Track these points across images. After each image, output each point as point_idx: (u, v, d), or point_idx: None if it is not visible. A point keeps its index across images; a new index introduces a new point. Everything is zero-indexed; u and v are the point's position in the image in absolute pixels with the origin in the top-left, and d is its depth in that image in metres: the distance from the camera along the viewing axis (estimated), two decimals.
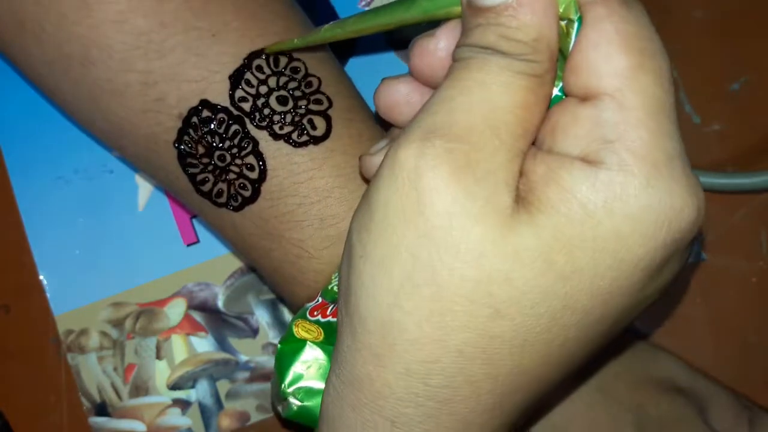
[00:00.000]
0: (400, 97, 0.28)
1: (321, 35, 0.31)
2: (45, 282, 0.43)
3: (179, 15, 0.33)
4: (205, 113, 0.33)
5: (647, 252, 0.23)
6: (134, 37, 0.33)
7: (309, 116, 0.34)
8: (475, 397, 0.24)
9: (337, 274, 0.33)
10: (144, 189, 0.44)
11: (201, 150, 0.34)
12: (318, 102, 0.34)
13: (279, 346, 0.32)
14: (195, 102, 0.33)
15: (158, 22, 0.33)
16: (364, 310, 0.24)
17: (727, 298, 0.42)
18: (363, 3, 0.44)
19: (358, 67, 0.37)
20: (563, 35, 0.24)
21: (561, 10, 0.24)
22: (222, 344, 0.43)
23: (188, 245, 0.43)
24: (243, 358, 0.43)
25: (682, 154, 0.23)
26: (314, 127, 0.34)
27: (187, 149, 0.34)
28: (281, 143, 0.33)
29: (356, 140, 0.34)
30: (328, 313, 0.33)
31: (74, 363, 0.43)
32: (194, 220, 0.43)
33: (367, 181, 0.33)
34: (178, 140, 0.34)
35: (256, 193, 0.34)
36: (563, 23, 0.24)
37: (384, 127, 0.35)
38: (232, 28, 0.33)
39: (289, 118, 0.33)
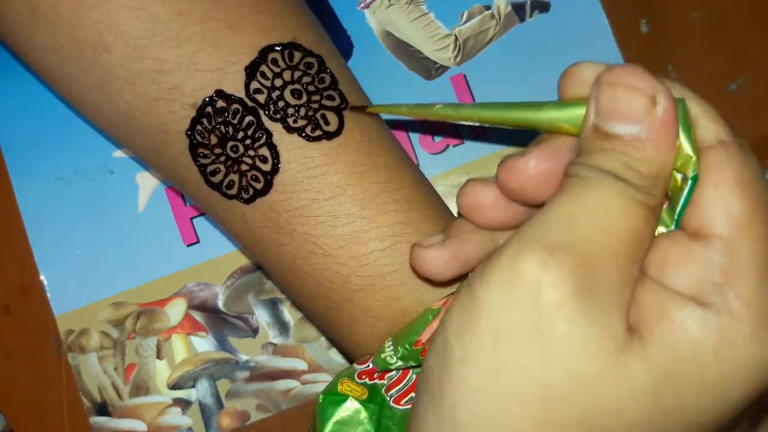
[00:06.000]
0: (486, 201, 0.28)
1: (432, 111, 0.30)
2: (45, 282, 0.42)
3: (197, 5, 0.32)
4: (220, 103, 0.33)
5: (744, 396, 0.23)
6: (151, 25, 0.32)
7: (322, 111, 0.33)
8: None
9: (390, 341, 0.32)
10: (144, 189, 0.43)
11: (213, 140, 0.33)
12: (330, 98, 0.34)
13: (320, 397, 0.32)
14: (210, 92, 0.33)
15: (176, 10, 0.32)
16: (462, 417, 0.23)
17: None
18: (362, 5, 0.44)
19: (358, 68, 0.37)
20: (677, 188, 0.24)
21: (679, 164, 0.24)
22: (222, 344, 0.43)
23: (188, 245, 0.43)
24: (243, 357, 0.43)
25: None
26: (327, 123, 0.33)
27: (199, 139, 0.33)
28: (294, 136, 0.33)
29: (367, 138, 0.34)
30: (375, 377, 0.32)
31: (75, 363, 0.42)
32: (194, 221, 0.43)
33: (432, 277, 0.30)
34: (191, 129, 0.33)
35: (268, 186, 0.33)
36: (679, 176, 0.24)
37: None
38: (249, 21, 0.33)
39: (302, 111, 0.33)
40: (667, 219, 0.25)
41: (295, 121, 0.33)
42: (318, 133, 0.33)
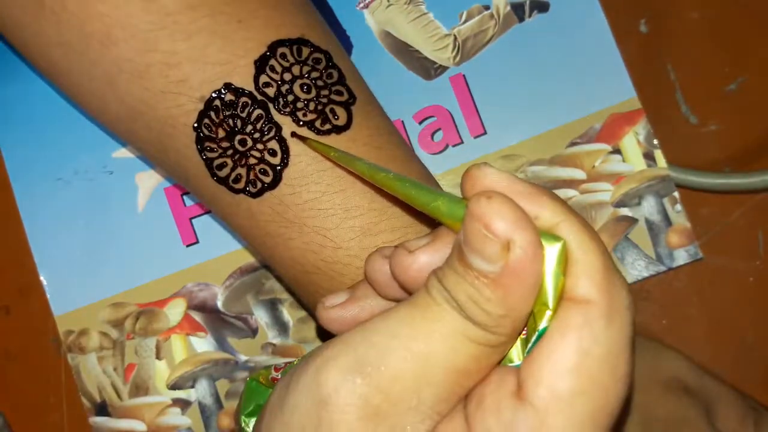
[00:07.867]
0: (381, 278, 0.27)
1: (356, 164, 0.29)
2: (45, 282, 0.42)
3: None
4: (228, 97, 0.32)
5: None
6: (160, 17, 0.32)
7: (331, 106, 0.33)
8: None
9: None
10: (144, 190, 0.43)
11: (221, 133, 0.33)
12: (339, 93, 0.34)
13: (249, 379, 0.32)
14: (218, 85, 0.32)
15: (186, 3, 0.32)
16: None
17: (724, 297, 0.42)
18: (361, 5, 0.44)
19: (357, 68, 0.37)
20: (533, 328, 0.22)
21: (537, 308, 0.22)
22: (221, 344, 0.42)
23: (188, 246, 0.42)
24: (242, 357, 0.42)
25: None
26: (336, 117, 0.33)
27: (206, 132, 0.33)
28: (305, 130, 0.33)
29: (375, 132, 0.34)
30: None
31: (74, 363, 0.42)
32: (194, 221, 0.43)
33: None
34: (198, 122, 0.33)
35: (277, 179, 0.33)
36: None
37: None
38: (258, 16, 0.33)
39: (312, 105, 0.33)
40: (521, 351, 0.23)
41: (304, 115, 0.33)
42: (328, 126, 0.33)
